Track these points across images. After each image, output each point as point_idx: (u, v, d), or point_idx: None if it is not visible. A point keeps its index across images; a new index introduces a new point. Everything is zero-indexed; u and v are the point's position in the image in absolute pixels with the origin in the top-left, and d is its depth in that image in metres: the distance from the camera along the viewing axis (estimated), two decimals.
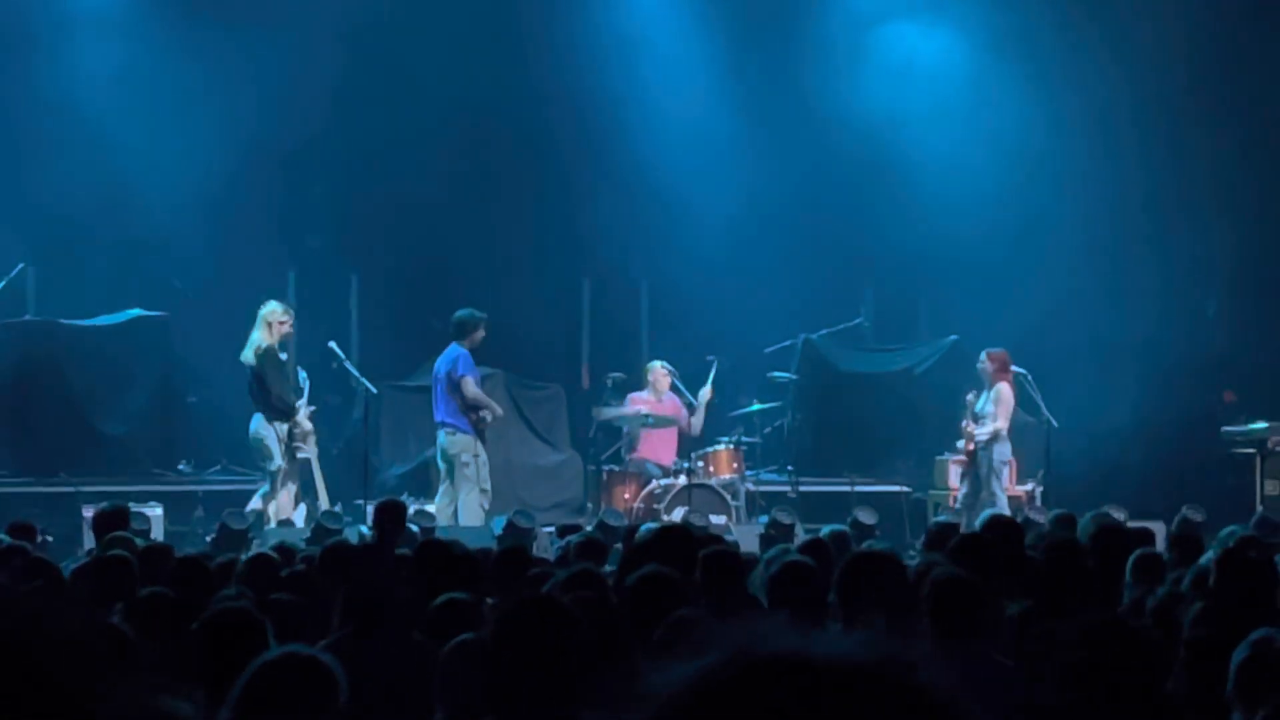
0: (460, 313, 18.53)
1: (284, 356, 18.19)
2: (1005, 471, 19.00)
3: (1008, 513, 16.83)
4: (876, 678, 1.94)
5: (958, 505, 18.82)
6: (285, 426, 17.98)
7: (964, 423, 18.97)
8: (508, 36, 21.64)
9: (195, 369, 20.78)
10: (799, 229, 21.88)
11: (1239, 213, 21.66)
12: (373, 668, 7.21)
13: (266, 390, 17.93)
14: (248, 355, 18.01)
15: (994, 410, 18.81)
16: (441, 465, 18.50)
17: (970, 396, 19.08)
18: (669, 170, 21.60)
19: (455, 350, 18.38)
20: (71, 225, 20.84)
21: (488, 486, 18.26)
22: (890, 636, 2.01)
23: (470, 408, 18.27)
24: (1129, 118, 21.68)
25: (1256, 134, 21.66)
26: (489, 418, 18.47)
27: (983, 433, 18.79)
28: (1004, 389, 18.87)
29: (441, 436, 18.42)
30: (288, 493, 18.05)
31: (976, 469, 18.88)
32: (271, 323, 18.08)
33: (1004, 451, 18.96)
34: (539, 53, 21.63)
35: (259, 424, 18.02)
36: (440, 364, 18.48)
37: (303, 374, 18.55)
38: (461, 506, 18.13)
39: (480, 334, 18.41)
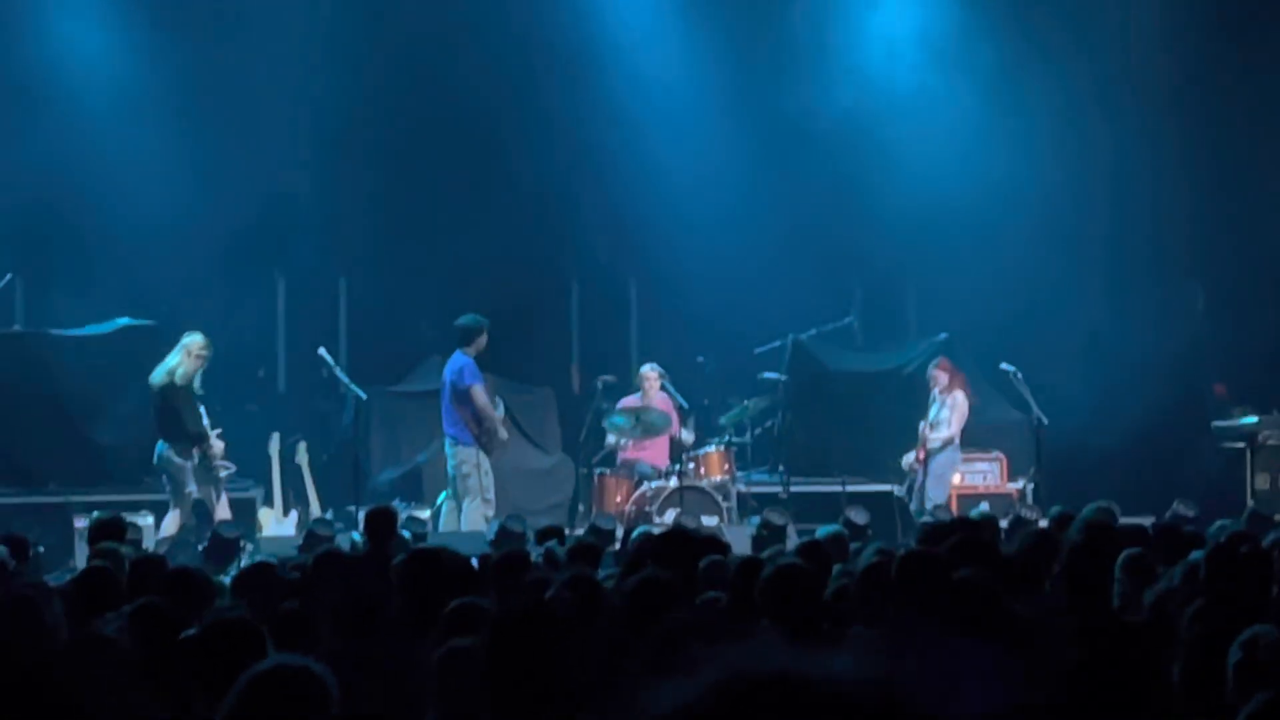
0: (463, 319, 18.46)
1: (197, 385, 17.94)
2: (952, 478, 19.21)
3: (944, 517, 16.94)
4: (871, 702, 1.93)
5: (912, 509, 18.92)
6: (197, 454, 17.85)
7: (921, 427, 19.16)
8: (497, 39, 21.58)
9: None
10: (788, 229, 21.87)
11: (1229, 206, 21.66)
12: (365, 676, 7.19)
13: (177, 419, 17.75)
14: (159, 378, 17.83)
15: (949, 417, 19.00)
16: (450, 472, 18.52)
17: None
18: (657, 171, 21.58)
19: (459, 359, 18.31)
20: (58, 235, 20.80)
21: (491, 496, 18.21)
22: (893, 647, 2.01)
23: (475, 418, 18.22)
24: (1120, 111, 21.63)
25: (1251, 121, 21.62)
26: (502, 434, 18.40)
27: (936, 438, 18.97)
28: (960, 397, 19.07)
29: (446, 445, 18.44)
30: (223, 508, 17.92)
31: (926, 475, 19.08)
32: (193, 352, 17.92)
33: (954, 459, 19.13)
34: (527, 55, 21.59)
35: (170, 452, 17.81)
36: (446, 372, 18.45)
37: (202, 408, 18.24)
38: (464, 515, 18.15)
39: (483, 339, 18.36)
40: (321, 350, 19.01)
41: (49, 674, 4.75)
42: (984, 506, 18.14)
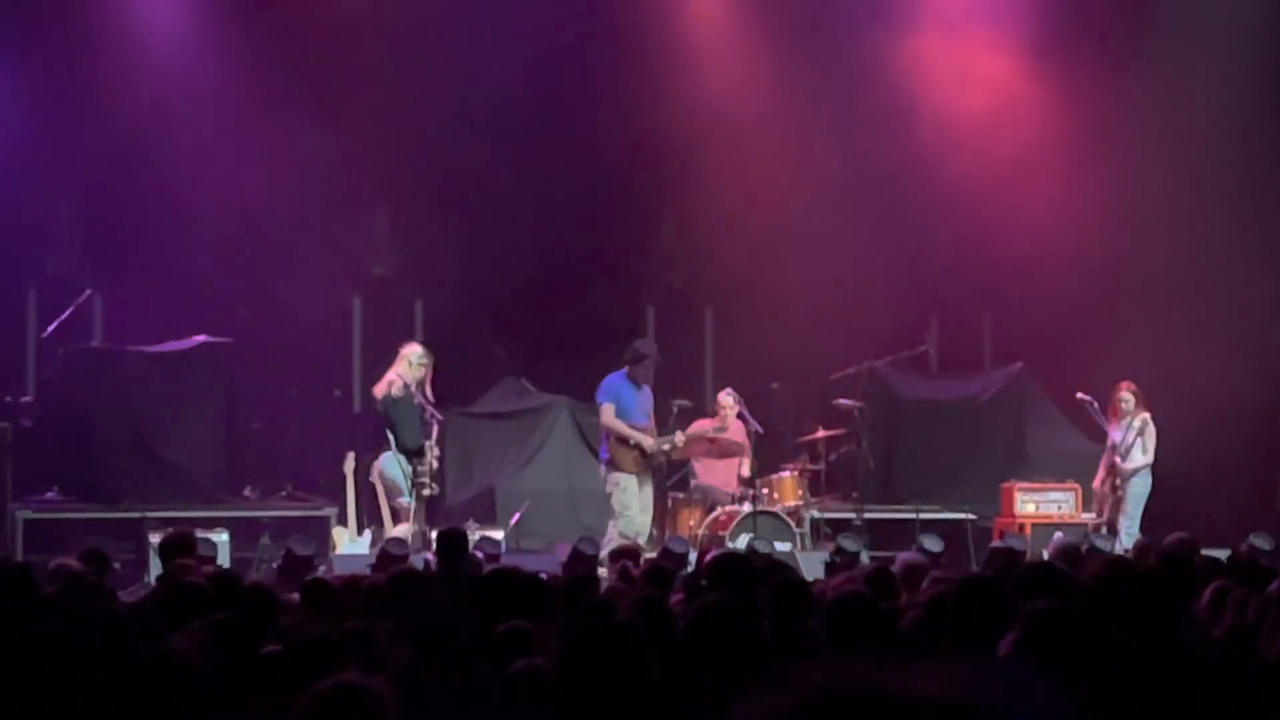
0: (638, 341, 18.76)
1: (417, 402, 18.25)
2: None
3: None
4: (960, 716, 1.93)
5: (1104, 532, 18.76)
6: (411, 465, 18.10)
7: (1106, 458, 19.12)
8: (575, 64, 21.62)
9: (260, 395, 20.84)
10: (864, 256, 21.78)
11: None
12: (435, 696, 7.20)
13: (394, 431, 18.05)
14: (381, 390, 18.18)
15: (1143, 442, 18.93)
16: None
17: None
18: (734, 197, 21.56)
19: (608, 377, 18.54)
20: (137, 251, 20.95)
21: (630, 514, 18.21)
22: (978, 668, 2.01)
23: (613, 437, 18.34)
24: (1206, 149, 21.43)
25: None
26: (644, 446, 18.41)
27: (1135, 465, 18.91)
28: (1150, 420, 19.05)
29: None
30: (405, 527, 18.16)
31: (1123, 500, 19.00)
32: (413, 362, 18.21)
33: (1149, 483, 19.09)
34: (604, 78, 21.61)
35: (388, 461, 18.09)
36: None
37: (420, 420, 18.62)
38: (607, 535, 18.16)
39: (639, 368, 18.54)
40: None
41: (125, 688, 4.79)
42: (1059, 536, 18.06)
